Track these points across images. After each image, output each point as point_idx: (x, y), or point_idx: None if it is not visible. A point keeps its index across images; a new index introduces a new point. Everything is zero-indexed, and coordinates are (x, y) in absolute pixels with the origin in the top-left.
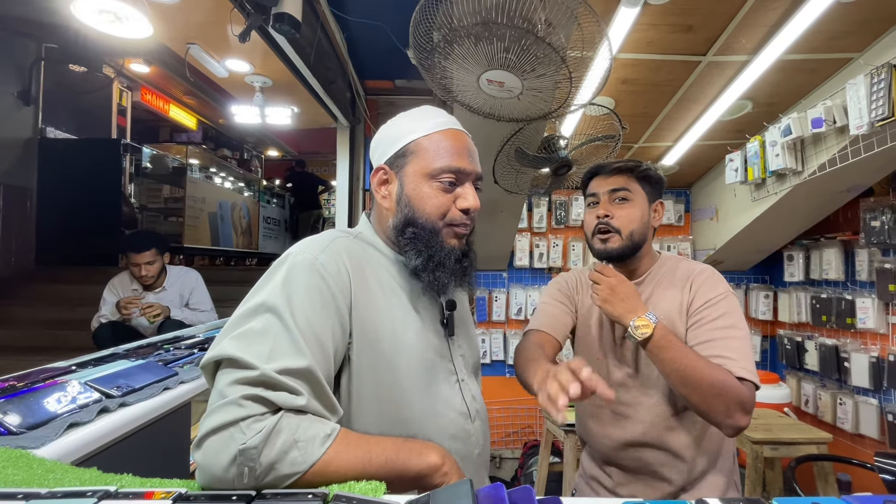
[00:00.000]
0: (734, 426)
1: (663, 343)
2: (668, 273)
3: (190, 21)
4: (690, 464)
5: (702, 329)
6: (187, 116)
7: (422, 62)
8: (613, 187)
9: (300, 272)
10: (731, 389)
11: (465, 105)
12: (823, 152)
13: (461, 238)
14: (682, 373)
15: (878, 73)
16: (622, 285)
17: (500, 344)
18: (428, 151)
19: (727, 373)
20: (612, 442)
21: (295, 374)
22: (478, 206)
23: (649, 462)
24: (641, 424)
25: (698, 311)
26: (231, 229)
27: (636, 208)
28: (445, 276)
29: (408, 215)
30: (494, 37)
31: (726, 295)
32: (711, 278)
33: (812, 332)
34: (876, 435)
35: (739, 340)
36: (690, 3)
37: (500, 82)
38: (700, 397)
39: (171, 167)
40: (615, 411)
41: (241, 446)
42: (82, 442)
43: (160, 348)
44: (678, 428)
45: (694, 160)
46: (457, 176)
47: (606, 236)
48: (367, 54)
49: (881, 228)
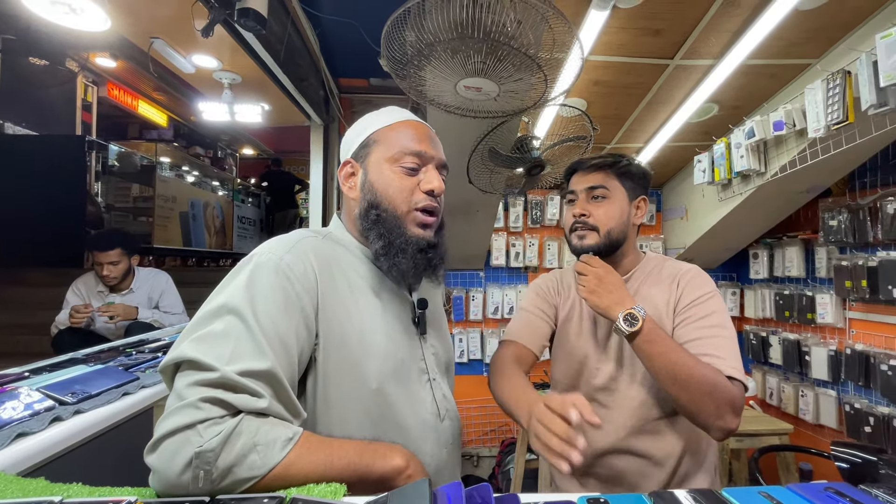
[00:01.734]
0: (724, 428)
1: (652, 337)
2: (655, 271)
3: (152, 14)
4: (670, 473)
5: (689, 327)
6: (157, 113)
7: (396, 72)
8: (591, 185)
9: (265, 273)
10: (722, 388)
11: (441, 106)
12: (784, 154)
13: (426, 228)
14: (671, 369)
15: (833, 78)
16: (610, 276)
17: (477, 343)
18: (390, 138)
19: (717, 371)
20: (590, 449)
21: (256, 375)
22: (442, 189)
23: (627, 471)
24: (622, 429)
25: (685, 309)
26: (203, 229)
27: (614, 206)
28: (405, 263)
29: (371, 200)
30: (472, 49)
31: (713, 294)
32: (698, 277)
33: (776, 328)
34: (835, 425)
35: (727, 340)
36: (658, 7)
37: (476, 88)
38: (690, 396)
39: (140, 165)
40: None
41: (198, 449)
42: (31, 451)
43: (122, 352)
44: (661, 433)
45: (664, 161)
46: (419, 159)
47: (583, 233)
48: (340, 52)
49: (838, 227)
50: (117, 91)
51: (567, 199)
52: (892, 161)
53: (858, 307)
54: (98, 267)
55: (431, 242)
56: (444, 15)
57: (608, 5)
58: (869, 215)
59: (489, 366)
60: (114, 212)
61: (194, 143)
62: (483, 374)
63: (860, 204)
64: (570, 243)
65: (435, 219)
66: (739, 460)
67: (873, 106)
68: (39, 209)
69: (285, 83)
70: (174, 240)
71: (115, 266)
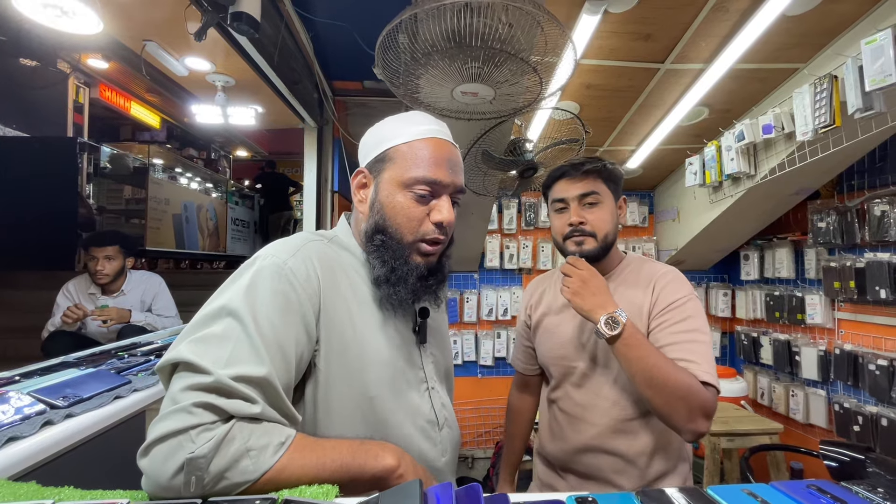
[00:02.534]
0: (695, 431)
1: (632, 342)
2: (633, 273)
3: (145, 17)
4: (642, 471)
5: (665, 332)
6: (150, 115)
7: (391, 80)
8: (583, 192)
9: (267, 277)
10: (696, 393)
11: (436, 111)
12: (774, 157)
13: (428, 256)
14: (648, 373)
15: (820, 83)
16: (594, 279)
17: (471, 345)
18: (406, 159)
19: (692, 376)
20: (568, 445)
21: (251, 381)
22: (451, 221)
23: (602, 468)
24: (595, 427)
25: (662, 313)
26: (197, 231)
27: (606, 210)
28: (404, 292)
29: (378, 222)
30: (469, 56)
31: (690, 297)
32: (675, 280)
33: (767, 328)
34: (825, 424)
35: (703, 345)
36: (648, 12)
37: (473, 93)
38: (664, 399)
39: (133, 167)
40: (572, 414)
41: (190, 455)
42: (22, 455)
43: (114, 356)
44: (629, 433)
45: (656, 163)
46: (432, 188)
47: (581, 239)
48: (334, 55)
49: (827, 229)
50: (109, 92)
51: (556, 207)
52: (878, 164)
53: (847, 308)
54: (92, 262)
55: (433, 268)
56: (439, 24)
57: (599, 10)
58: (857, 217)
59: (508, 401)
60: (105, 214)
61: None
62: (477, 376)
63: (848, 206)
64: (563, 250)
65: (439, 247)
66: (731, 460)
67: (859, 110)
68: (30, 211)
69: (279, 86)
70: (167, 242)
71: (109, 262)
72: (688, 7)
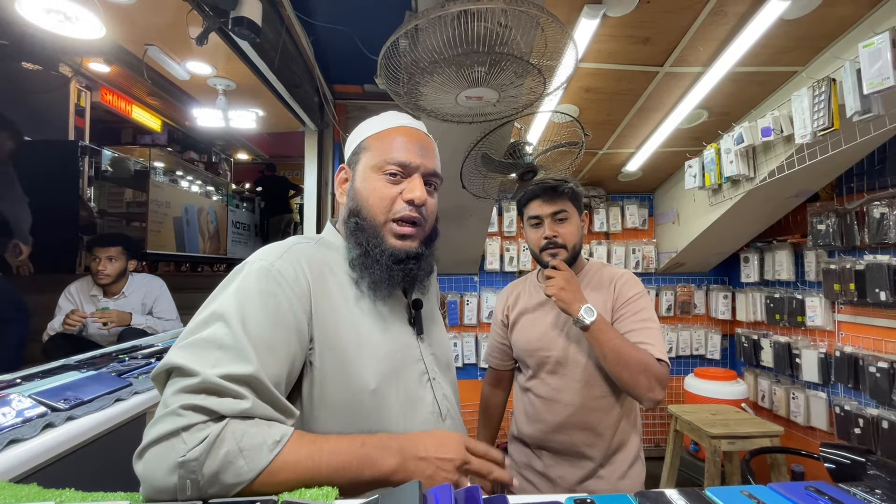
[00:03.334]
0: (653, 399)
1: (603, 327)
2: (596, 276)
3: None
4: (609, 441)
5: (626, 321)
6: (151, 118)
7: (395, 90)
8: (554, 210)
9: (255, 279)
10: (653, 368)
11: (438, 117)
12: (773, 159)
13: (405, 238)
14: (616, 352)
15: (819, 86)
16: (573, 280)
17: (472, 347)
18: (377, 146)
19: (649, 355)
20: (545, 426)
21: (239, 379)
22: (423, 199)
23: (575, 443)
24: (570, 407)
25: (622, 307)
26: (197, 234)
27: (573, 224)
28: (378, 273)
29: (352, 207)
30: (475, 62)
31: (642, 294)
32: (630, 282)
33: (767, 331)
34: (825, 427)
35: (655, 330)
36: (647, 16)
37: (478, 97)
38: (629, 374)
39: (134, 170)
40: (547, 397)
41: (182, 458)
42: (24, 458)
43: (115, 358)
44: (600, 409)
45: (656, 166)
46: (403, 169)
47: (556, 250)
48: (335, 59)
49: (826, 231)
50: (111, 96)
51: (532, 222)
52: (877, 166)
53: (847, 310)
54: (94, 262)
55: (412, 254)
56: (443, 33)
57: (598, 14)
58: (856, 219)
59: (482, 392)
60: (107, 217)
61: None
62: (478, 378)
63: (847, 208)
64: (539, 260)
65: (415, 229)
66: (732, 462)
67: (858, 113)
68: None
69: (280, 89)
70: (168, 245)
71: (111, 262)
72: (686, 11)
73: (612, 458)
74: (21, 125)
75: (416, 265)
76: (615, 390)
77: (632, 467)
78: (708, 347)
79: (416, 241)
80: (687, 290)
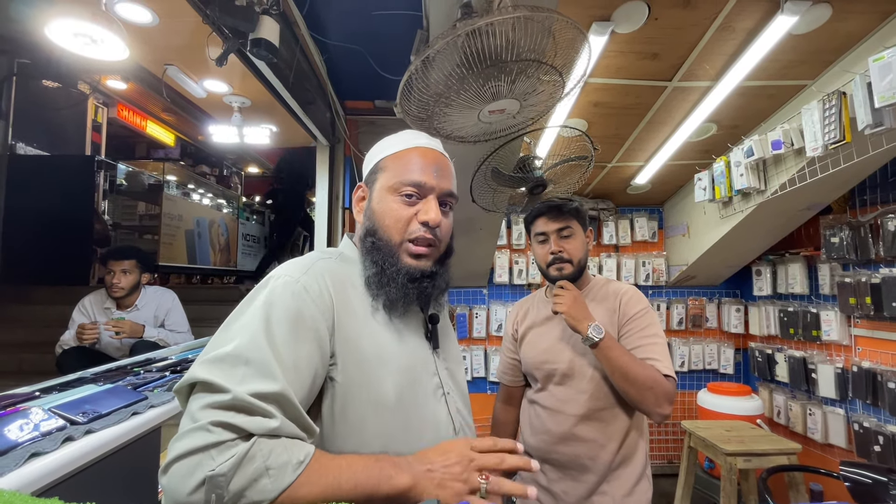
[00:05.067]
0: (662, 414)
1: (612, 344)
2: (601, 292)
3: (168, 43)
4: (613, 455)
5: (632, 337)
6: (165, 133)
7: (417, 119)
8: (560, 227)
9: (280, 295)
10: (661, 384)
11: (459, 139)
12: (784, 172)
13: (420, 258)
14: (624, 369)
15: (829, 99)
16: (581, 298)
17: (480, 360)
18: (394, 166)
19: (657, 371)
20: (549, 436)
21: (267, 397)
22: (438, 220)
23: (578, 454)
24: (573, 417)
25: (627, 322)
26: (209, 247)
27: (578, 240)
28: (395, 292)
29: (369, 227)
30: (503, 73)
31: (647, 310)
32: (634, 297)
33: (781, 345)
34: (844, 444)
35: (661, 346)
36: (655, 32)
37: (500, 110)
38: (637, 390)
39: (147, 184)
40: (552, 408)
41: (210, 473)
42: (45, 471)
43: (130, 372)
44: (604, 420)
45: (665, 179)
46: (418, 190)
47: (562, 265)
48: (347, 76)
49: (840, 244)
50: (127, 112)
51: (538, 239)
52: (891, 179)
53: (864, 324)
54: (109, 275)
55: (426, 272)
56: (456, 54)
57: (607, 31)
58: (870, 232)
59: (494, 407)
60: (120, 230)
61: (201, 162)
62: (487, 392)
63: (861, 221)
64: (546, 274)
65: (430, 249)
66: (748, 481)
67: (869, 126)
68: (48, 227)
69: (293, 106)
70: (179, 257)
71: (125, 276)
72: (694, 27)
73: (615, 472)
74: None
75: (431, 283)
76: (622, 401)
77: (637, 484)
78: (721, 362)
79: (430, 261)
80: (698, 304)
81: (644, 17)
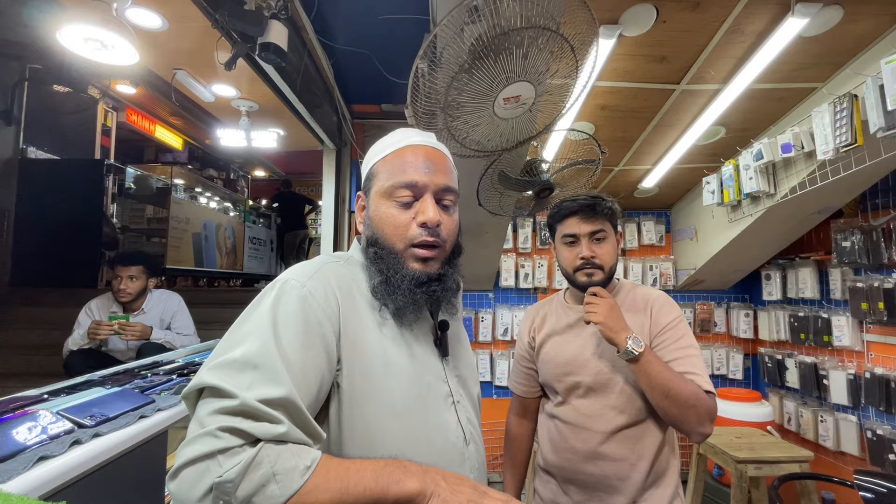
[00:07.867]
0: (703, 433)
1: (651, 359)
2: (629, 297)
3: (177, 48)
4: (645, 474)
5: (667, 349)
6: (173, 137)
7: (430, 123)
8: (594, 229)
9: (287, 300)
10: (703, 401)
11: (472, 144)
12: (794, 176)
13: (426, 261)
14: (664, 386)
15: (840, 102)
16: (617, 307)
17: (486, 365)
18: (385, 171)
19: (698, 387)
20: (574, 455)
21: (275, 403)
22: (435, 220)
23: (607, 475)
24: (601, 434)
25: (661, 333)
26: (215, 250)
27: (611, 244)
28: (401, 300)
29: (369, 236)
30: (513, 44)
31: (680, 319)
32: (666, 305)
33: (792, 350)
34: (857, 452)
35: (698, 358)
36: (663, 35)
37: (515, 97)
38: (678, 408)
39: (155, 187)
40: (576, 424)
41: (217, 479)
42: (52, 475)
43: (137, 375)
44: (634, 437)
45: (673, 182)
46: (412, 191)
47: (592, 271)
48: (353, 79)
49: (852, 249)
50: (136, 116)
51: (566, 241)
52: None
53: (876, 329)
54: (116, 280)
55: (434, 276)
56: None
57: (614, 34)
58: (882, 236)
59: (506, 422)
60: (128, 233)
61: (208, 166)
62: (493, 397)
63: (873, 225)
64: (573, 280)
65: (435, 251)
66: (759, 489)
67: (882, 129)
68: (57, 230)
69: (301, 110)
70: (186, 260)
71: (132, 281)
72: (703, 30)
73: (647, 492)
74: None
75: (439, 286)
76: (654, 415)
77: None
78: (730, 367)
79: (437, 263)
80: (706, 308)
81: (652, 20)
